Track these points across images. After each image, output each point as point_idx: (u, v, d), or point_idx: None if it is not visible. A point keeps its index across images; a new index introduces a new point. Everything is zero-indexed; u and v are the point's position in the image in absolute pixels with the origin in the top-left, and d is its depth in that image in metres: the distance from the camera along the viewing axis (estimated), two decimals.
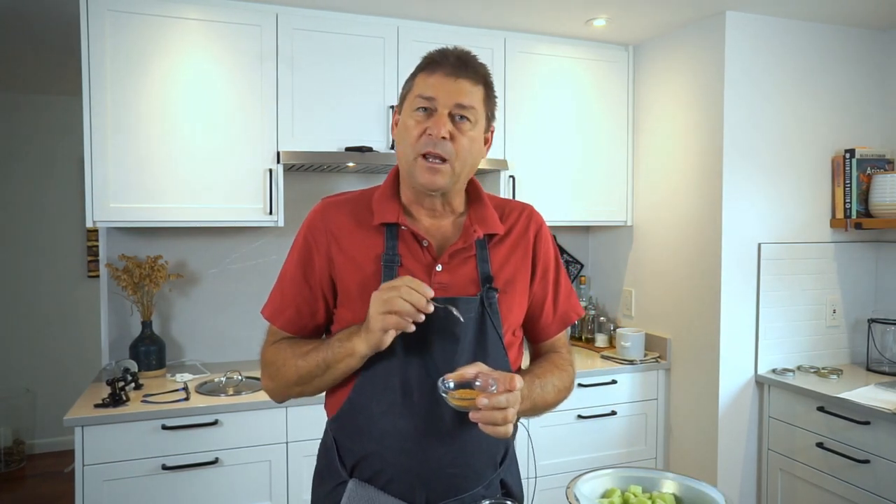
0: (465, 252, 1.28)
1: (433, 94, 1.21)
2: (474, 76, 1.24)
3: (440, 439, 1.23)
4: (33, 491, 3.99)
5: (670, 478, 1.31)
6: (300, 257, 1.31)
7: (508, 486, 1.38)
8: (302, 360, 1.25)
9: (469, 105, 1.22)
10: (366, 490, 1.25)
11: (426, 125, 1.21)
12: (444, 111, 1.21)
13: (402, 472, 1.24)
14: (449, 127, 1.20)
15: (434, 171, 1.22)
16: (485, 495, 1.29)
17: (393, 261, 1.25)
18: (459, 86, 1.22)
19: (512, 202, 1.43)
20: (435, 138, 1.19)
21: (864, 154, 2.80)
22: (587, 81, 3.13)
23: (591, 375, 2.87)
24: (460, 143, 1.22)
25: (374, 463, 1.25)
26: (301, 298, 1.31)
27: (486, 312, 1.27)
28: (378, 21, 2.75)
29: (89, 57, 2.40)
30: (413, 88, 1.25)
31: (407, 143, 1.23)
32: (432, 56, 1.25)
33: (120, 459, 2.23)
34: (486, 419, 1.08)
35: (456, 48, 1.26)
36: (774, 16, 2.75)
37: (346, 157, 2.67)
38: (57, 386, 4.41)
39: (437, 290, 1.22)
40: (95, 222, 2.44)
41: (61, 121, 4.41)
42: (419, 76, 1.25)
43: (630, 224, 3.25)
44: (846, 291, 2.94)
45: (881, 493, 2.28)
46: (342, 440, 1.31)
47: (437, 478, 1.24)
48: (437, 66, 1.22)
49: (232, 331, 2.96)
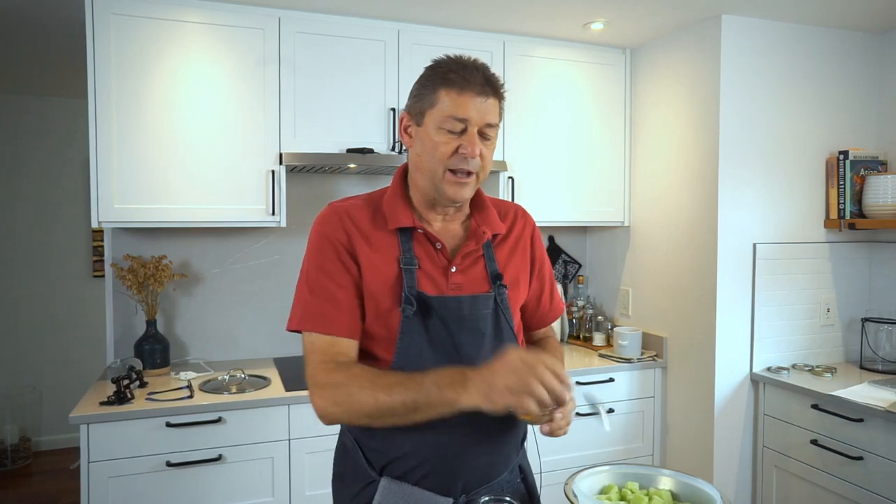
0: (475, 253, 1.34)
1: (466, 116, 1.23)
2: (498, 94, 1.28)
3: (473, 430, 1.26)
4: (39, 487, 4.03)
5: (667, 474, 1.33)
6: (331, 260, 1.27)
7: (525, 471, 1.44)
8: (384, 394, 1.16)
9: (495, 123, 1.28)
10: (400, 487, 1.26)
11: (458, 143, 1.24)
12: (474, 129, 1.24)
13: (438, 467, 1.26)
14: (480, 146, 1.25)
15: (462, 185, 1.27)
16: (509, 480, 1.35)
17: (411, 263, 1.28)
18: (488, 106, 1.25)
19: (505, 202, 1.50)
20: (470, 157, 1.24)
21: (858, 156, 2.83)
22: (585, 84, 3.16)
23: (589, 373, 2.89)
24: (486, 158, 1.28)
25: (408, 461, 1.26)
26: (348, 300, 1.27)
27: (500, 308, 1.32)
28: (379, 24, 2.78)
29: (94, 60, 2.43)
30: (438, 104, 1.24)
31: (436, 160, 1.25)
32: (456, 72, 1.24)
33: (125, 456, 2.25)
34: (555, 428, 1.17)
35: (475, 62, 1.28)
36: (769, 19, 2.77)
37: (347, 158, 2.70)
38: (62, 384, 4.45)
39: (453, 290, 1.28)
40: (101, 223, 2.47)
41: (67, 123, 4.45)
42: (445, 92, 1.24)
43: (627, 224, 3.28)
44: (840, 291, 2.97)
45: (874, 489, 2.31)
46: (367, 441, 1.31)
47: (473, 467, 1.28)
48: (467, 86, 1.23)
49: (235, 329, 2.98)
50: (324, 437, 2.42)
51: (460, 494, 1.27)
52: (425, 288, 1.27)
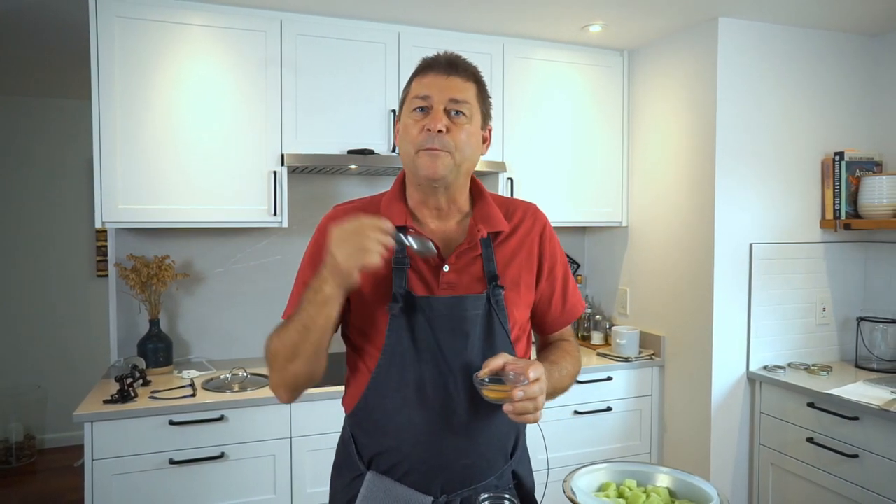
0: (472, 252, 1.32)
1: (427, 93, 1.26)
2: (465, 74, 1.30)
3: (454, 432, 1.27)
4: (44, 485, 4.05)
5: (664, 472, 1.33)
6: (314, 260, 1.32)
7: (521, 477, 1.41)
8: (284, 334, 1.23)
9: (463, 100, 1.27)
10: (383, 482, 1.29)
11: (423, 122, 1.26)
12: (440, 107, 1.25)
13: (418, 465, 1.27)
14: (445, 121, 1.25)
15: (434, 156, 1.25)
16: (497, 485, 1.33)
17: (403, 262, 1.28)
18: (451, 82, 1.27)
19: (516, 201, 1.46)
20: (433, 132, 1.24)
21: (853, 157, 2.85)
22: (583, 86, 3.18)
23: (588, 372, 2.91)
24: (458, 136, 1.26)
25: (392, 456, 1.29)
26: None
27: (493, 309, 1.30)
28: (380, 27, 2.80)
29: (98, 62, 2.45)
30: (409, 92, 1.31)
31: (407, 142, 1.28)
32: (425, 60, 1.32)
33: (128, 454, 2.26)
34: (520, 410, 1.14)
35: (447, 52, 1.32)
36: (766, 22, 2.79)
37: (348, 159, 2.72)
38: (67, 382, 4.47)
39: (444, 290, 1.29)
40: (104, 223, 2.48)
41: (71, 124, 4.47)
42: (414, 80, 1.31)
43: (625, 225, 3.30)
44: (836, 290, 2.99)
45: (869, 486, 2.33)
46: (359, 435, 1.35)
47: (452, 469, 1.28)
48: (430, 69, 1.29)
49: (237, 329, 3.01)
50: (325, 436, 2.45)
51: (440, 494, 1.28)
52: (415, 287, 1.28)
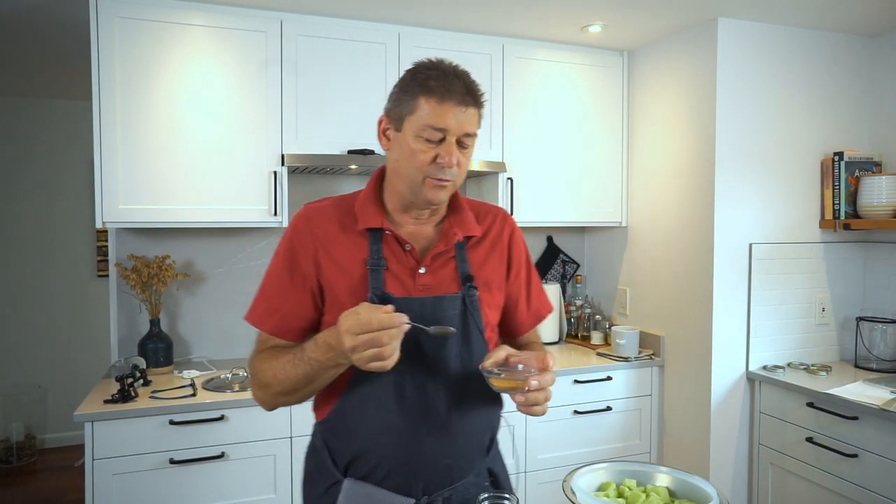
0: (446, 254, 1.34)
1: (446, 126, 1.22)
2: (478, 103, 1.27)
3: (433, 432, 1.28)
4: (44, 484, 4.06)
5: (664, 472, 1.33)
6: (286, 262, 1.32)
7: (496, 474, 1.42)
8: (281, 374, 1.25)
9: (474, 132, 1.27)
10: (363, 487, 1.28)
11: (436, 152, 1.23)
12: (453, 139, 1.24)
13: (398, 467, 1.27)
14: (458, 155, 1.25)
15: (441, 188, 1.27)
16: (475, 482, 1.34)
17: (378, 264, 1.28)
18: (468, 116, 1.25)
19: (486, 205, 1.48)
20: (447, 167, 1.24)
21: (853, 157, 2.85)
22: (583, 86, 3.18)
23: (587, 372, 2.92)
24: (462, 166, 1.28)
25: (370, 460, 1.28)
26: (288, 303, 1.32)
27: (468, 309, 1.32)
28: (380, 27, 2.81)
29: (99, 62, 2.45)
30: (417, 111, 1.23)
31: (414, 167, 1.25)
32: (437, 81, 1.23)
33: (129, 454, 2.27)
34: (531, 400, 1.15)
35: (455, 69, 1.26)
36: (766, 22, 2.80)
37: (348, 159, 2.72)
38: (67, 382, 4.48)
39: (420, 291, 1.29)
40: (105, 223, 2.48)
41: (72, 125, 4.48)
42: (425, 100, 1.23)
43: (625, 225, 3.30)
44: (835, 290, 2.99)
45: (868, 486, 2.33)
46: (333, 442, 1.34)
47: (432, 469, 1.28)
48: (447, 95, 1.22)
49: (237, 328, 3.00)
50: None
51: (422, 495, 1.28)
52: (392, 289, 1.28)
